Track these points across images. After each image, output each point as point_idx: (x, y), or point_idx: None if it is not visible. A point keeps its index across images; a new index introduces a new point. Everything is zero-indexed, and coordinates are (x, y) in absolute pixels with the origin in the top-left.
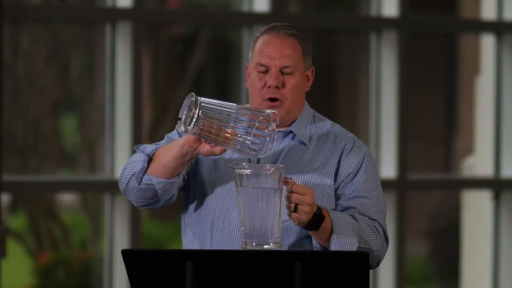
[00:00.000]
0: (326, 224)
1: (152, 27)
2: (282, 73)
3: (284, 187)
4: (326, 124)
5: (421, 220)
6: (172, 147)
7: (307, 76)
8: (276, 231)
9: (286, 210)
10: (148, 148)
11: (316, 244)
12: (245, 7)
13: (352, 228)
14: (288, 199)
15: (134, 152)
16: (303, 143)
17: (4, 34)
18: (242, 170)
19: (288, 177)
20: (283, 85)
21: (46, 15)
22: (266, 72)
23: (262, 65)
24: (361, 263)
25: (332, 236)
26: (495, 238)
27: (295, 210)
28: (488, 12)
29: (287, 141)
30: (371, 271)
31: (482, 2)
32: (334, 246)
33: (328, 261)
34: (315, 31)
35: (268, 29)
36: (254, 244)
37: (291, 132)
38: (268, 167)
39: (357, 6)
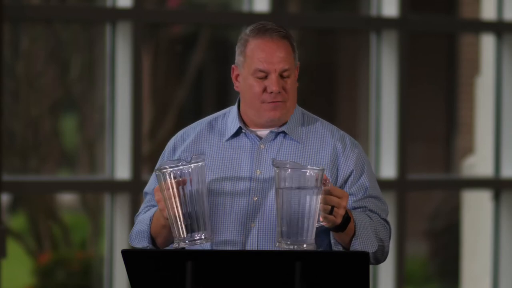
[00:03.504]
0: (351, 225)
1: (152, 27)
2: (281, 76)
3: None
4: (316, 122)
5: (421, 220)
6: (157, 219)
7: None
8: (312, 233)
9: (320, 212)
10: (143, 228)
11: (334, 241)
12: (245, 7)
13: (371, 229)
14: (325, 201)
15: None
16: (296, 141)
17: (4, 34)
18: (285, 170)
19: (328, 179)
20: (284, 89)
21: (46, 15)
22: (264, 78)
23: (261, 71)
24: (361, 263)
25: (354, 237)
26: (495, 238)
27: (330, 212)
28: (488, 12)
29: (279, 139)
30: (371, 271)
31: (482, 2)
32: (358, 247)
33: (328, 261)
34: (315, 31)
35: (259, 33)
36: (288, 243)
37: (283, 132)
38: (310, 168)
39: (357, 6)
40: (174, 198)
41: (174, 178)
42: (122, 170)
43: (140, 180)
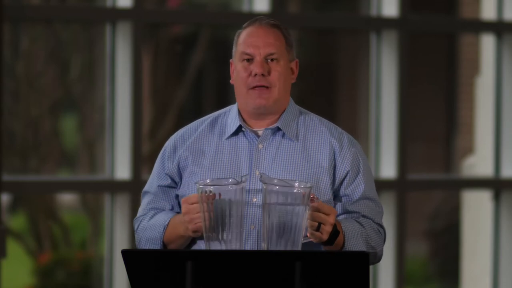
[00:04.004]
0: (339, 238)
1: (152, 27)
2: (267, 61)
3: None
4: (314, 120)
5: (421, 220)
6: (175, 227)
7: (291, 68)
8: (298, 248)
9: (307, 228)
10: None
11: None
12: (245, 7)
13: (361, 237)
14: (312, 217)
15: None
16: (294, 140)
17: (4, 34)
18: (272, 186)
19: (315, 196)
20: (269, 73)
21: (46, 15)
22: (250, 61)
23: (246, 53)
24: (361, 263)
25: (343, 249)
26: (495, 238)
27: (317, 229)
28: (488, 12)
29: (277, 139)
30: (371, 271)
31: (482, 2)
32: None
33: (328, 261)
34: (315, 31)
35: (250, 22)
36: None
37: (279, 129)
38: (297, 185)
39: (357, 6)
40: (206, 211)
41: (211, 193)
42: (122, 170)
43: (140, 180)
